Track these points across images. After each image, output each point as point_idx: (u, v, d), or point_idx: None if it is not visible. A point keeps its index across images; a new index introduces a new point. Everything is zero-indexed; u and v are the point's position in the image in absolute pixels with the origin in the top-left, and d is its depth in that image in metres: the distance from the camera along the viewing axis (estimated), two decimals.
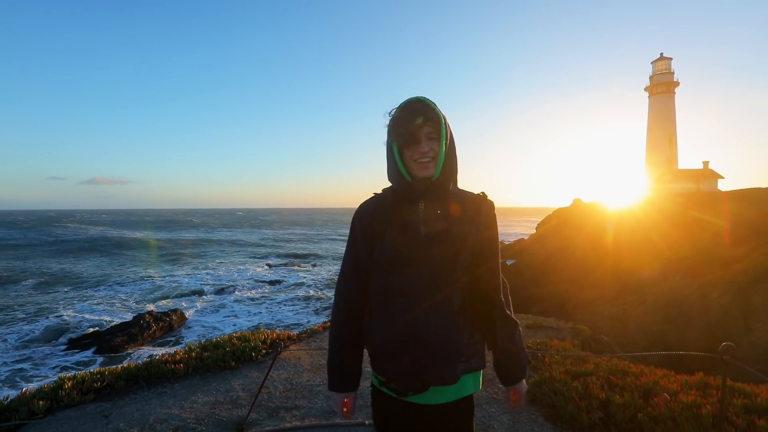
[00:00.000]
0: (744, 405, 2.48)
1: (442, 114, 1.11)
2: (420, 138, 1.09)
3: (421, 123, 1.09)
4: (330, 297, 20.36)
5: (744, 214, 14.60)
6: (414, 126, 1.09)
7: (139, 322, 14.46)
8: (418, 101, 1.11)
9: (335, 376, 1.27)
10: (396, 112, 1.13)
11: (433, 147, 1.10)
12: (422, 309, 1.09)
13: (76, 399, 3.26)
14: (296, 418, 3.01)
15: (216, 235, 61.16)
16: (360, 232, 1.20)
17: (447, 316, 1.10)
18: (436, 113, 1.10)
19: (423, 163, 1.10)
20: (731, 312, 10.70)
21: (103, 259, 32.73)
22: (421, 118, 1.08)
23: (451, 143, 1.15)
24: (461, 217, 1.13)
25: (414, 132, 1.09)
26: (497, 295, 1.18)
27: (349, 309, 1.22)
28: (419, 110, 1.09)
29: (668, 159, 26.23)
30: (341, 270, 1.25)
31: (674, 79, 26.47)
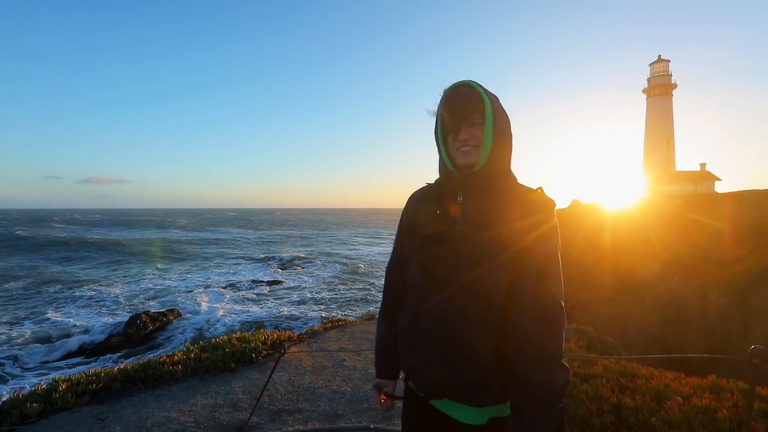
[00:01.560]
0: (761, 409, 2.42)
1: (488, 98, 1.02)
2: (461, 124, 1.01)
3: (463, 108, 1.01)
4: (329, 298, 20.25)
5: (742, 216, 14.63)
6: (455, 111, 1.02)
7: (135, 322, 14.30)
8: (463, 85, 1.03)
9: (375, 361, 1.27)
10: (441, 97, 1.06)
11: (475, 134, 1.01)
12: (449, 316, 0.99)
13: (71, 401, 3.16)
14: (299, 421, 2.92)
15: (214, 234, 60.88)
16: (405, 221, 1.18)
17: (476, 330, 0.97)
18: (480, 97, 1.01)
19: (464, 151, 1.02)
20: (730, 313, 10.70)
21: (99, 259, 32.42)
22: (463, 103, 1.01)
23: (502, 131, 1.03)
24: (505, 215, 0.98)
25: (454, 117, 1.02)
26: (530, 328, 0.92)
27: (390, 298, 1.23)
28: (462, 94, 1.01)
29: (666, 161, 26.32)
30: (390, 258, 1.27)
31: (672, 81, 26.57)
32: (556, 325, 0.92)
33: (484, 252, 0.95)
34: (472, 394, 0.98)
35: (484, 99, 1.01)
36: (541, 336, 0.91)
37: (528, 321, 0.92)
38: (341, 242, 51.51)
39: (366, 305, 18.87)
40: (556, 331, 0.92)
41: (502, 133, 1.03)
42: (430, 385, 1.03)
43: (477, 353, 0.96)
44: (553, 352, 0.90)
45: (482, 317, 0.96)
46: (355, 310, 17.83)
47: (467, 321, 0.97)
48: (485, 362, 0.96)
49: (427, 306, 1.04)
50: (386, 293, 1.25)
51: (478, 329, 0.96)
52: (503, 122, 1.04)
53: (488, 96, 1.02)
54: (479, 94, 1.01)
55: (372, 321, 6.42)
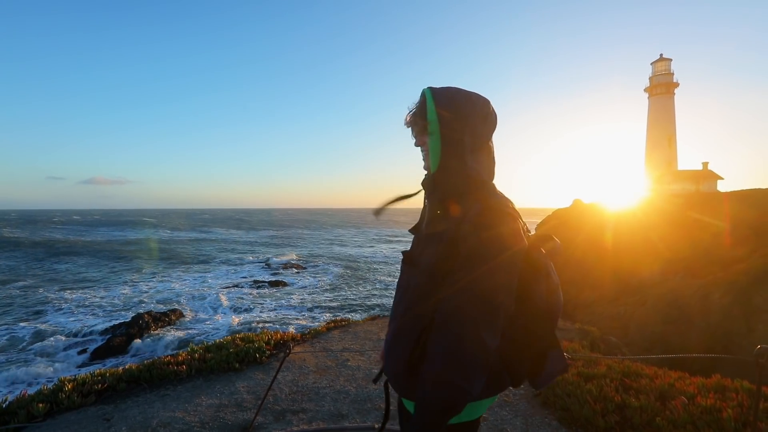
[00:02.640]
0: (767, 409, 2.42)
1: (434, 104, 1.02)
2: (413, 131, 1.10)
3: (413, 115, 1.08)
4: (332, 299, 20.26)
5: (744, 215, 14.59)
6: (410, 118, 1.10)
7: (137, 322, 14.35)
8: (421, 94, 1.08)
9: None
10: None
11: (424, 140, 1.08)
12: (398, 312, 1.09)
13: (77, 401, 3.18)
14: (303, 421, 2.93)
15: (215, 235, 60.95)
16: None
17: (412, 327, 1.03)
18: (423, 105, 1.05)
19: (423, 156, 1.12)
20: (732, 313, 10.67)
21: (97, 260, 32.46)
22: (414, 110, 1.08)
23: (452, 137, 1.02)
24: (443, 220, 1.03)
25: (410, 126, 1.10)
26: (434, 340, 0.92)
27: None
28: (419, 101, 1.07)
29: (668, 160, 26.26)
30: None
31: (674, 80, 26.51)
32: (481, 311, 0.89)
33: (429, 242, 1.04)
34: (401, 384, 1.06)
35: (429, 107, 1.03)
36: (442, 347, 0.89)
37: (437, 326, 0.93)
38: (343, 242, 51.54)
39: (369, 305, 18.87)
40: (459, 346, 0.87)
41: (450, 136, 1.02)
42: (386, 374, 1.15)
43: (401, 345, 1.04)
44: (437, 367, 0.88)
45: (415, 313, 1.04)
46: (357, 310, 17.84)
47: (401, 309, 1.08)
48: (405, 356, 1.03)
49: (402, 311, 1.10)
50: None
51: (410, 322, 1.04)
52: (450, 124, 1.02)
53: (436, 100, 1.02)
54: (425, 101, 1.05)
55: (375, 321, 6.43)
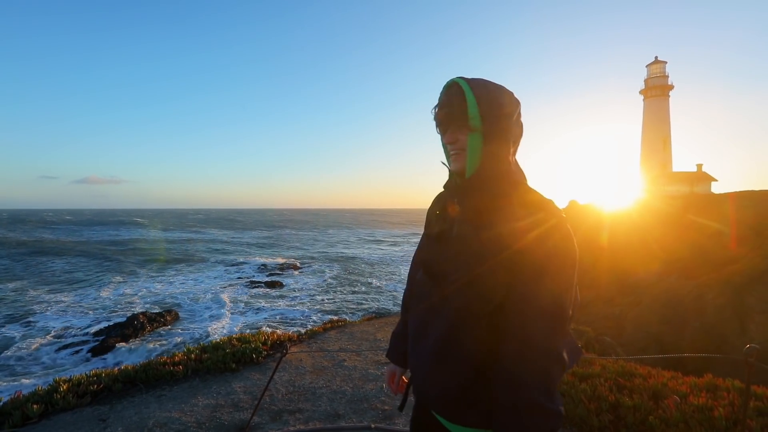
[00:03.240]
0: (756, 407, 2.46)
1: (475, 97, 0.91)
2: (446, 127, 0.96)
3: (446, 109, 0.94)
4: (328, 299, 20.25)
5: (738, 217, 14.74)
6: (440, 113, 0.96)
7: (132, 322, 14.28)
8: (452, 84, 0.95)
9: (389, 345, 1.30)
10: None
11: (460, 137, 0.94)
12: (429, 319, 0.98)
13: (72, 402, 3.17)
14: (300, 421, 2.94)
15: (211, 235, 60.74)
16: (426, 222, 1.16)
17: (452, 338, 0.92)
18: (463, 97, 0.91)
19: (452, 155, 0.97)
20: (726, 313, 10.78)
21: (90, 262, 32.22)
22: (447, 104, 0.94)
23: (494, 131, 0.92)
24: (503, 215, 0.90)
25: (440, 120, 0.97)
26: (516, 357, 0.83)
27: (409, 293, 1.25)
28: (450, 94, 0.94)
29: (663, 161, 26.47)
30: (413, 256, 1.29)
31: (669, 82, 26.75)
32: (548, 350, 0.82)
33: (480, 252, 0.89)
34: (449, 409, 0.94)
35: (468, 99, 0.91)
36: (528, 367, 0.82)
37: (526, 322, 0.84)
38: (339, 243, 51.51)
39: (365, 306, 18.88)
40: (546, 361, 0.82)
41: (495, 134, 0.92)
42: (421, 393, 1.02)
43: (460, 361, 0.91)
44: (537, 395, 0.80)
45: (467, 321, 0.90)
46: (354, 310, 17.85)
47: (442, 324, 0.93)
48: (461, 373, 0.91)
49: (421, 308, 1.02)
50: (406, 289, 1.30)
51: (456, 334, 0.91)
52: (496, 120, 0.92)
53: (476, 94, 0.91)
54: (464, 93, 0.92)
55: (371, 321, 6.44)
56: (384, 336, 5.28)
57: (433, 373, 0.95)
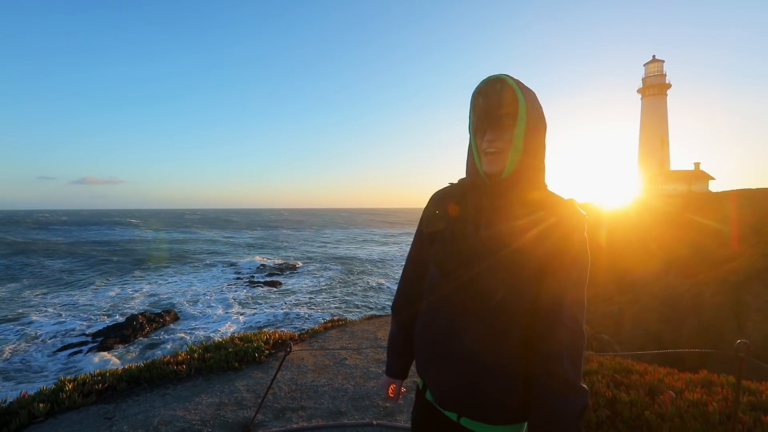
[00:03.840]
0: (750, 402, 2.52)
1: (524, 98, 0.90)
2: (489, 124, 0.92)
3: (493, 106, 0.91)
4: (328, 299, 20.29)
5: (735, 215, 14.83)
6: (484, 109, 0.92)
7: (132, 323, 14.31)
8: (496, 80, 0.92)
9: (387, 360, 1.27)
10: (474, 92, 0.96)
11: (502, 136, 0.91)
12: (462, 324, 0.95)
13: (78, 401, 3.21)
14: (303, 419, 2.99)
15: (209, 235, 60.69)
16: (425, 221, 1.12)
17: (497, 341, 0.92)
18: (514, 95, 0.90)
19: (489, 154, 0.93)
20: (723, 311, 10.86)
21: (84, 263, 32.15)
22: (494, 101, 0.91)
23: (534, 137, 0.93)
24: (526, 222, 0.91)
25: (483, 116, 0.93)
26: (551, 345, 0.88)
27: (405, 296, 1.20)
28: (495, 91, 0.91)
29: (660, 160, 26.58)
30: (406, 258, 1.22)
31: (666, 81, 26.86)
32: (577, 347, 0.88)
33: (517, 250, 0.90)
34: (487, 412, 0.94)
35: (519, 98, 0.90)
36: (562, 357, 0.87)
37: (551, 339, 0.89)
38: (337, 242, 51.55)
39: (365, 305, 18.93)
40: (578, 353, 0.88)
41: (536, 138, 0.93)
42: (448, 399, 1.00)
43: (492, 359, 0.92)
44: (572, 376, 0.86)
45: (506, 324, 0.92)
46: (354, 310, 17.90)
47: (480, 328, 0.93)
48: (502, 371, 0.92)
49: (443, 310, 1.00)
50: (399, 292, 1.22)
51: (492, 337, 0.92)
52: (538, 125, 0.93)
53: (524, 95, 0.91)
54: (514, 92, 0.90)
55: (372, 321, 6.49)
56: (384, 335, 5.33)
57: (460, 377, 0.95)
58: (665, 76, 26.93)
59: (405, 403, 3.20)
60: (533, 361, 0.92)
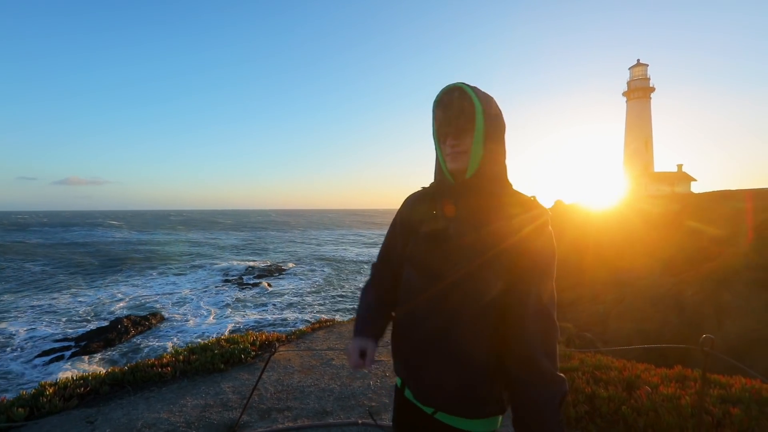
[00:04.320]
0: (719, 395, 2.62)
1: (480, 103, 0.97)
2: (450, 129, 0.99)
3: (452, 113, 0.98)
4: (316, 300, 20.22)
5: (715, 215, 15.25)
6: (444, 116, 0.99)
7: (116, 326, 14.06)
8: (454, 88, 0.99)
9: (356, 322, 1.18)
10: (435, 100, 1.04)
11: (463, 140, 0.98)
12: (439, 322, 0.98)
13: (59, 405, 3.16)
14: (288, 419, 3.00)
15: (198, 236, 59.92)
16: (399, 223, 1.16)
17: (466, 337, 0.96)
18: (471, 102, 0.97)
19: (453, 156, 1.00)
20: (704, 309, 11.16)
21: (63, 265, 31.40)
22: (452, 108, 0.98)
23: (492, 138, 1.00)
24: (498, 214, 0.97)
25: (444, 122, 1.00)
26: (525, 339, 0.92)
27: (376, 283, 1.22)
28: (454, 98, 0.98)
29: (645, 162, 27.16)
30: (378, 255, 1.24)
31: (650, 84, 27.47)
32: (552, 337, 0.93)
33: (477, 249, 0.95)
34: (467, 405, 0.98)
35: (475, 104, 0.97)
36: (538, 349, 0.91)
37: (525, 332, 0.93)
38: (325, 243, 51.40)
39: (353, 306, 18.92)
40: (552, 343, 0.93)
41: (495, 139, 1.00)
42: (426, 395, 1.03)
43: (471, 357, 0.96)
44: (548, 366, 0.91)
45: (475, 317, 0.96)
46: (341, 310, 17.87)
47: (460, 320, 0.96)
48: (479, 368, 0.96)
49: (421, 306, 1.03)
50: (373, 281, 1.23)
51: (471, 330, 0.96)
52: (496, 128, 1.00)
53: (480, 100, 0.98)
54: (470, 98, 0.97)
55: None
56: None
57: (442, 375, 0.98)
58: (649, 80, 27.55)
59: (391, 402, 3.23)
60: (510, 355, 0.95)
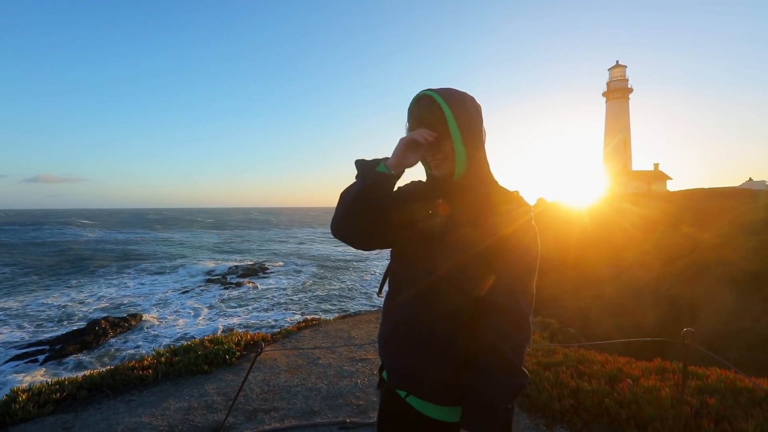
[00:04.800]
0: (697, 386, 2.71)
1: (449, 107, 0.98)
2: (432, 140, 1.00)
3: (425, 122, 0.99)
4: (300, 299, 20.05)
5: (690, 213, 15.83)
6: (418, 125, 1.00)
7: (93, 328, 13.60)
8: (423, 96, 1.01)
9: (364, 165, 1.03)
10: (408, 109, 1.05)
11: (442, 148, 1.00)
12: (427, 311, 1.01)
13: (33, 412, 3.04)
14: (275, 419, 2.96)
15: (178, 235, 58.59)
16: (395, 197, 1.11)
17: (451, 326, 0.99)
18: (440, 109, 0.98)
19: (435, 163, 1.03)
20: (679, 303, 11.57)
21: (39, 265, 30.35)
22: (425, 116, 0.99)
23: (473, 137, 1.01)
24: (483, 219, 1.00)
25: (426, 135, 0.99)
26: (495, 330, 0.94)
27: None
28: (423, 106, 1.00)
29: (623, 161, 27.93)
30: None
31: (629, 85, 28.22)
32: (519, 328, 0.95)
33: (469, 245, 0.98)
34: (438, 392, 1.01)
35: (445, 110, 0.98)
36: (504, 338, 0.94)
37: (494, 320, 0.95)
38: (309, 241, 51.01)
39: (339, 305, 18.85)
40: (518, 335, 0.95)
41: (474, 139, 1.02)
42: (400, 378, 1.06)
43: (447, 347, 0.99)
44: (512, 359, 0.93)
45: (456, 310, 0.99)
46: (327, 309, 17.78)
47: (442, 314, 1.00)
48: (453, 358, 0.99)
49: (406, 297, 1.05)
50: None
51: (453, 320, 0.99)
52: (473, 127, 1.01)
53: (450, 105, 0.98)
54: (439, 105, 0.98)
55: (345, 320, 6.48)
56: (358, 334, 5.34)
57: (428, 363, 1.01)
58: (628, 81, 28.29)
59: (378, 400, 3.22)
60: (479, 343, 0.97)
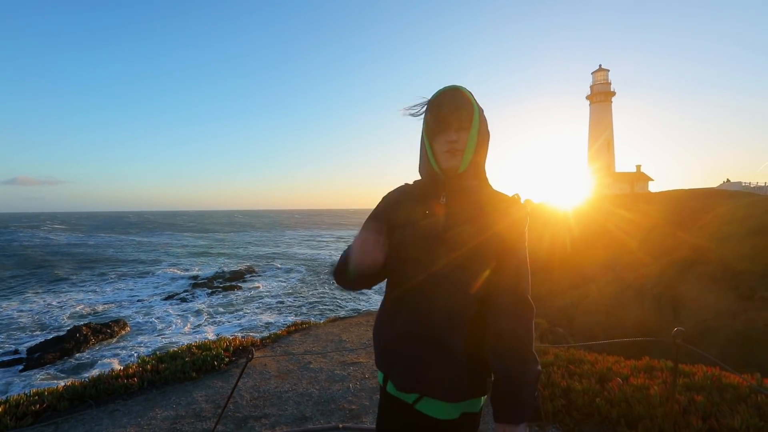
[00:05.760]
0: (684, 383, 2.76)
1: (477, 105, 1.06)
2: (449, 126, 1.04)
3: (454, 110, 1.03)
4: (289, 303, 19.84)
5: (672, 213, 16.26)
6: (446, 113, 1.04)
7: (74, 335, 13.19)
8: (452, 89, 1.06)
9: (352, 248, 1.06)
10: (430, 100, 1.09)
11: (462, 137, 1.04)
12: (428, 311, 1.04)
13: (10, 425, 2.91)
14: (266, 426, 2.90)
15: (164, 239, 57.40)
16: (383, 209, 1.17)
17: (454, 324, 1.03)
18: (470, 102, 1.05)
19: (450, 152, 1.05)
20: (662, 301, 11.85)
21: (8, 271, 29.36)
22: (454, 106, 1.04)
23: (483, 139, 1.08)
24: (482, 218, 1.04)
25: (445, 119, 1.04)
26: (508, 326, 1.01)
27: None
28: (455, 97, 1.05)
29: (606, 162, 28.53)
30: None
31: (611, 89, 28.87)
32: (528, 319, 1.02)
33: (466, 242, 1.01)
34: (447, 389, 1.03)
35: (474, 104, 1.05)
36: (517, 329, 1.00)
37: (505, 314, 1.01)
38: (297, 244, 50.60)
39: (329, 308, 18.72)
40: (529, 325, 1.02)
41: (484, 140, 1.08)
42: (409, 381, 1.06)
43: (452, 346, 1.02)
44: (527, 346, 1.00)
45: (457, 309, 1.02)
46: (318, 313, 17.63)
47: (444, 313, 1.02)
48: (458, 355, 1.02)
49: (407, 299, 1.07)
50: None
51: (454, 321, 1.02)
52: (486, 130, 1.09)
53: (476, 103, 1.07)
54: (469, 99, 1.05)
55: (335, 323, 6.43)
56: (349, 337, 5.29)
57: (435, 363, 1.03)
58: (610, 84, 28.94)
59: (371, 404, 3.19)
60: (493, 337, 1.02)
